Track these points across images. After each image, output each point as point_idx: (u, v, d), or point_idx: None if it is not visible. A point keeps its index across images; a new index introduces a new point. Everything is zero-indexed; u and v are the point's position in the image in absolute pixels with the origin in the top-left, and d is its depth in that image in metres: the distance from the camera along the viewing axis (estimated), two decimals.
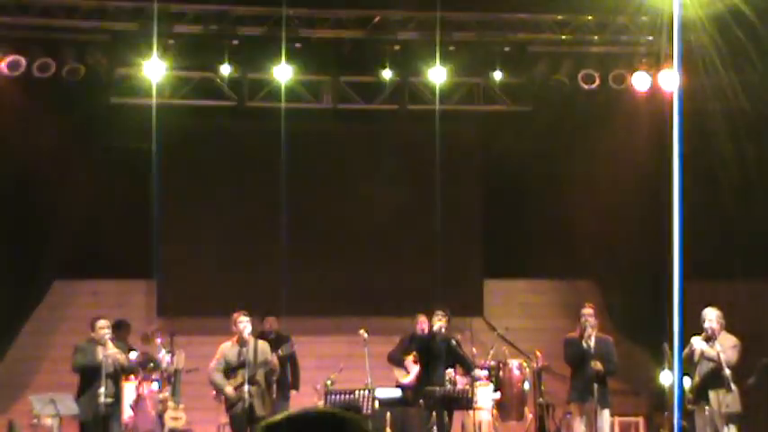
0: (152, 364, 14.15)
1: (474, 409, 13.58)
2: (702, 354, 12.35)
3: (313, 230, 15.99)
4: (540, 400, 14.19)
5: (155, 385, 14.14)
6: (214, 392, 13.26)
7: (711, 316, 12.46)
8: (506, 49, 15.23)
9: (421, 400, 13.31)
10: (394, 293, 15.96)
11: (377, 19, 14.95)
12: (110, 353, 12.48)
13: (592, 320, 12.94)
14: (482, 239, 16.65)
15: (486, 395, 14.05)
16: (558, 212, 16.15)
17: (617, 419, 14.71)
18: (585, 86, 15.19)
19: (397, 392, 14.01)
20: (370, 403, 13.03)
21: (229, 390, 12.72)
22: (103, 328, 12.66)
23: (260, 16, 14.78)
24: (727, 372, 12.21)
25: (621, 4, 14.39)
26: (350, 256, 16.24)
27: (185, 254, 16.10)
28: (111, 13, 14.48)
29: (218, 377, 12.83)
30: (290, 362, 14.40)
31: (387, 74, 15.29)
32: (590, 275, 16.45)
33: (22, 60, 14.27)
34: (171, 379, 14.07)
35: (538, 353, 14.27)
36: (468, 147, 16.74)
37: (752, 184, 15.87)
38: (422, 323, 14.07)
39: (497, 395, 14.22)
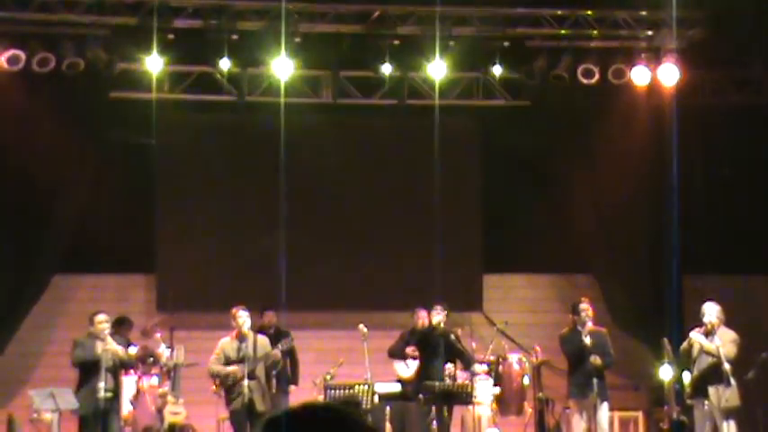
0: (152, 359, 14.15)
1: (473, 404, 13.60)
2: (701, 348, 12.37)
3: (312, 225, 15.98)
4: (540, 394, 14.18)
5: (154, 380, 14.14)
6: (214, 387, 13.26)
7: (711, 311, 12.48)
8: (506, 43, 15.21)
9: (420, 395, 13.32)
10: (393, 288, 15.95)
11: (376, 14, 14.93)
12: (109, 347, 12.50)
13: (590, 314, 12.98)
14: (481, 234, 16.63)
15: (485, 390, 14.05)
16: (558, 207, 16.16)
17: (616, 414, 14.71)
18: (585, 81, 15.18)
19: (397, 387, 14.01)
20: (369, 398, 13.04)
21: (231, 368, 12.71)
22: (102, 322, 12.67)
23: (259, 11, 14.77)
24: (727, 366, 12.23)
25: None
26: (349, 251, 16.22)
27: (185, 248, 16.09)
28: (110, 7, 14.46)
29: (217, 366, 12.84)
30: (289, 356, 14.41)
31: (386, 69, 15.25)
32: (589, 270, 16.43)
33: (22, 55, 14.25)
34: (171, 374, 14.07)
35: (537, 348, 14.27)
36: (467, 141, 16.72)
37: (751, 179, 15.88)
38: (421, 318, 14.08)
39: (497, 390, 14.21)
